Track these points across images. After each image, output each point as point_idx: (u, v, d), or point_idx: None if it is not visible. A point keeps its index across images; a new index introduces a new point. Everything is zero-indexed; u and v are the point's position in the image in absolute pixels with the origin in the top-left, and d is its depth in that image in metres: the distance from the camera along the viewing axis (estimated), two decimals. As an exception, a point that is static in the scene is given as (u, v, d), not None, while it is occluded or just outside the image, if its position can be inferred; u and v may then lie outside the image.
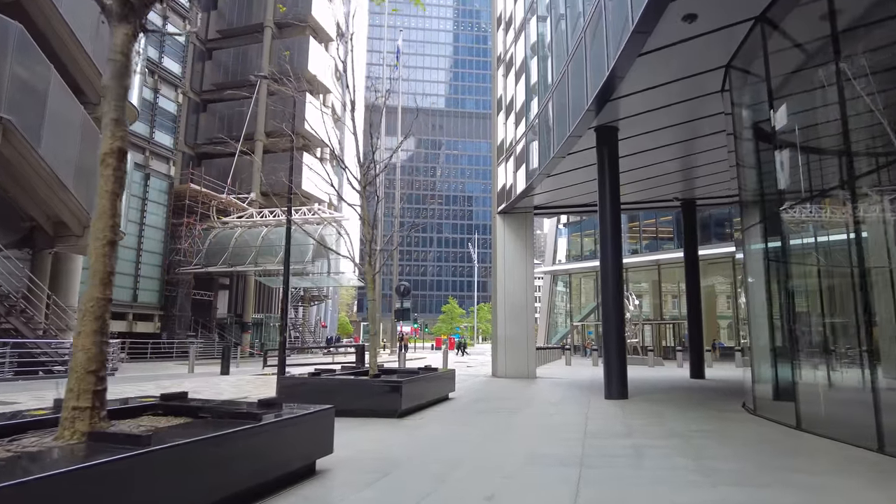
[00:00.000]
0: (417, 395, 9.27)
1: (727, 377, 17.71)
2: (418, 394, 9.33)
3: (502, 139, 20.04)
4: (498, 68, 21.17)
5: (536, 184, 15.50)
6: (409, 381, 8.83)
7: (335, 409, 9.00)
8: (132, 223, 26.98)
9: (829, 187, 7.81)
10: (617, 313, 11.44)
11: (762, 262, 8.73)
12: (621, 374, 11.10)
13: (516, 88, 18.65)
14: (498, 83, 21.01)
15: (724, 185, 16.41)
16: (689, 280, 18.25)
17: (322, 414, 5.05)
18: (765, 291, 8.51)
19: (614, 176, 12.11)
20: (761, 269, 8.77)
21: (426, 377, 9.89)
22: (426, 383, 9.86)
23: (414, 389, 9.06)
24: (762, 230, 8.60)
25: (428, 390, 9.88)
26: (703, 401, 11.01)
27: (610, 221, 11.92)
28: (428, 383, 9.93)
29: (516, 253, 18.61)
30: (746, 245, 9.49)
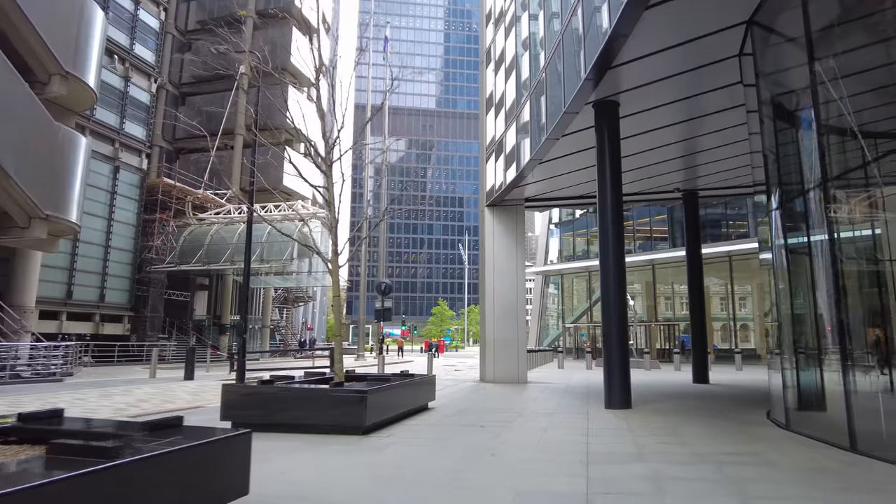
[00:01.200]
0: (387, 407, 7.88)
1: (732, 381, 16.45)
2: (388, 405, 7.94)
3: (492, 136, 18.70)
4: (487, 65, 19.72)
5: (528, 171, 14.16)
6: (375, 391, 7.43)
7: (288, 424, 7.62)
8: (98, 218, 25.40)
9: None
10: (619, 312, 10.09)
11: (802, 256, 7.43)
12: (624, 381, 9.76)
13: (506, 85, 17.27)
14: (487, 79, 19.60)
15: (730, 174, 15.16)
16: (692, 279, 16.97)
17: (230, 443, 3.66)
18: (806, 289, 7.20)
19: (615, 158, 10.77)
20: (801, 264, 7.46)
21: (399, 385, 8.50)
22: (399, 392, 8.47)
23: (382, 400, 7.67)
24: (801, 221, 7.31)
25: (401, 400, 8.49)
26: (718, 410, 9.69)
27: (611, 209, 10.59)
28: (401, 392, 8.54)
29: (506, 249, 17.27)
30: (776, 238, 8.17)
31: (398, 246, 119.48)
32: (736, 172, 14.83)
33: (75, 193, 16.79)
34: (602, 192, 10.70)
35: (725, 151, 13.27)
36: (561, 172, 14.82)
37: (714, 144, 12.93)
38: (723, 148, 13.06)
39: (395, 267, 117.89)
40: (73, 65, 16.01)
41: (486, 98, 19.49)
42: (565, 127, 11.44)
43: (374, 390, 7.41)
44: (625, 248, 11.01)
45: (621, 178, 10.92)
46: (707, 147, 13.17)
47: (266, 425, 7.37)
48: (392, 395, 8.10)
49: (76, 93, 16.71)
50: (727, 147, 12.93)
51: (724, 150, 13.15)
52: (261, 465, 5.09)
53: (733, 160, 13.83)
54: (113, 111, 26.26)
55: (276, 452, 5.95)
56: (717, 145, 12.92)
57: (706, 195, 17.50)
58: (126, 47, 27.06)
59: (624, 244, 10.97)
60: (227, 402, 7.62)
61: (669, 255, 33.84)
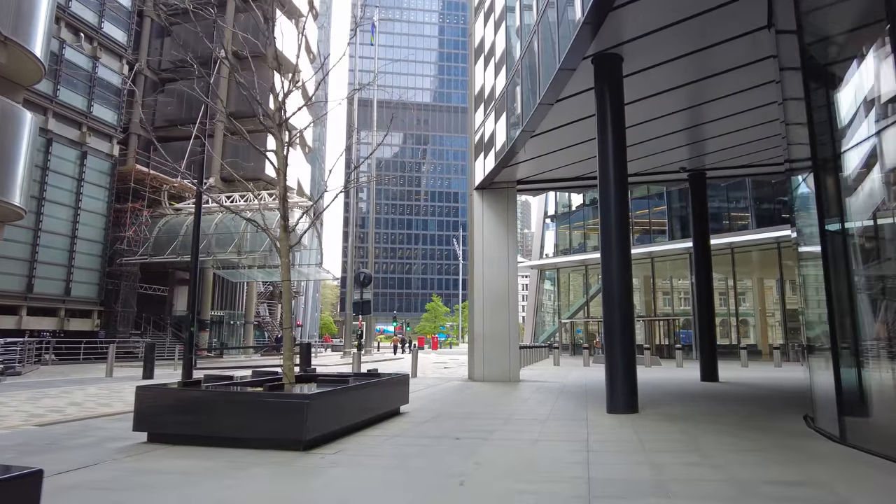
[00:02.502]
0: (341, 414, 6.40)
1: (742, 379, 15.05)
2: (342, 412, 6.46)
3: (480, 122, 17.19)
4: (477, 60, 18.08)
5: (519, 146, 12.65)
6: (321, 396, 5.95)
7: (216, 437, 6.11)
8: (63, 206, 23.78)
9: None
10: (623, 303, 8.60)
11: (853, 240, 5.97)
12: (629, 381, 8.28)
13: (496, 79, 15.73)
14: (476, 32, 18.02)
15: (743, 150, 13.69)
16: (699, 270, 15.51)
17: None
18: (863, 277, 5.75)
19: (618, 124, 9.26)
20: (854, 248, 6.00)
21: (357, 388, 7.00)
22: (358, 395, 6.98)
23: (333, 406, 6.19)
24: (848, 199, 5.87)
25: (361, 405, 7.00)
26: (742, 416, 8.23)
27: (614, 185, 9.07)
28: (360, 395, 7.05)
29: (497, 235, 15.79)
30: (828, 221, 6.70)
31: (392, 241, 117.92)
32: (751, 147, 13.36)
33: (18, 174, 15.21)
34: (603, 165, 9.19)
35: (741, 121, 11.79)
36: (556, 148, 13.34)
37: (728, 112, 11.44)
38: (738, 117, 11.57)
39: (389, 263, 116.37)
40: (14, 30, 14.43)
41: (472, 94, 17.96)
42: (560, 88, 9.94)
43: (321, 395, 5.92)
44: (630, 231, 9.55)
45: (625, 148, 9.42)
46: (719, 115, 11.67)
47: (190, 437, 5.91)
48: (347, 399, 6.61)
49: (19, 63, 15.11)
50: (743, 115, 11.45)
51: (740, 119, 11.67)
52: (139, 501, 3.62)
53: (749, 132, 12.35)
54: (79, 93, 24.60)
55: (176, 479, 4.48)
56: (732, 112, 11.43)
57: (715, 176, 16.04)
58: (94, 25, 25.39)
59: (629, 226, 9.48)
60: (141, 408, 6.13)
61: (668, 247, 32.48)
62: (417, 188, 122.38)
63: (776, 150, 13.46)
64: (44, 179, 22.65)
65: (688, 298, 33.65)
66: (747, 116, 11.49)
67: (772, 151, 13.57)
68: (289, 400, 5.74)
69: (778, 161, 14.34)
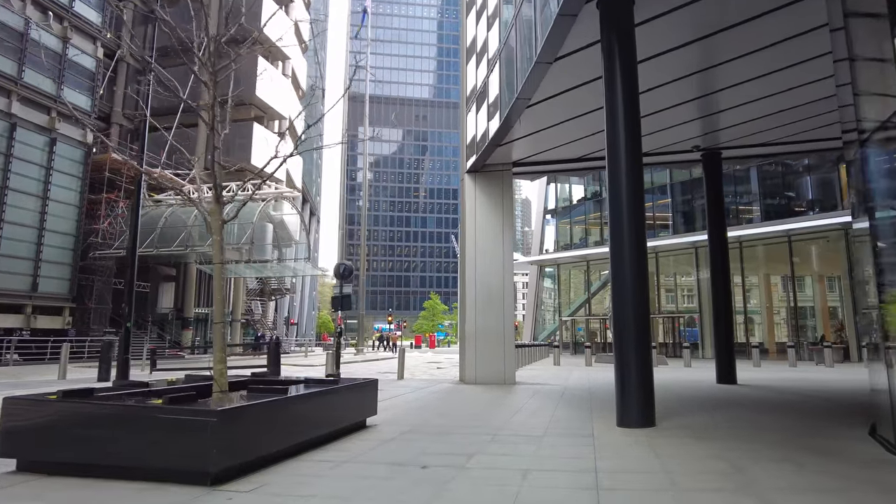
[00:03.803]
0: (273, 434, 4.90)
1: (762, 381, 13.59)
2: (276, 430, 4.96)
3: (473, 84, 15.68)
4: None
5: (514, 118, 11.13)
6: (237, 412, 4.45)
7: (104, 465, 4.48)
8: (29, 196, 22.26)
9: None
10: (637, 296, 7.04)
11: None
12: (644, 390, 6.77)
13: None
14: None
15: (767, 122, 12.15)
16: (715, 261, 13.99)
17: None
18: None
19: (630, 85, 7.66)
20: None
21: (298, 399, 5.49)
22: (301, 408, 5.48)
23: (258, 423, 4.69)
24: None
25: (305, 420, 5.50)
26: (785, 429, 6.73)
27: (626, 156, 7.48)
28: (304, 408, 5.55)
29: (491, 223, 14.29)
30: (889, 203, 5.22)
31: (391, 239, 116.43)
32: (776, 120, 11.84)
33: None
34: (613, 138, 7.59)
35: (768, 85, 10.27)
36: (556, 121, 11.83)
37: (753, 74, 9.92)
38: (765, 81, 10.06)
39: (387, 260, 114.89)
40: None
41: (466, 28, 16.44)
42: (560, 42, 8.43)
43: (235, 410, 4.42)
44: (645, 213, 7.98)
45: (639, 117, 7.87)
46: (742, 79, 10.14)
47: (72, 467, 4.43)
48: (283, 413, 5.11)
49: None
50: (773, 78, 9.94)
51: (767, 83, 10.16)
52: None
53: (777, 100, 10.82)
54: (48, 76, 23.08)
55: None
56: (757, 75, 9.91)
57: (731, 157, 14.53)
58: (64, 4, 23.84)
59: (644, 207, 7.91)
60: (9, 426, 4.64)
61: (672, 241, 31.00)
62: (416, 185, 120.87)
63: (804, 123, 11.98)
64: (7, 167, 21.15)
65: (692, 295, 32.28)
66: (778, 79, 9.98)
67: (799, 126, 12.08)
68: (189, 417, 4.23)
69: (809, 138, 12.87)
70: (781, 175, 28.46)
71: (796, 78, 9.96)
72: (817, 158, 26.63)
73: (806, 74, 9.82)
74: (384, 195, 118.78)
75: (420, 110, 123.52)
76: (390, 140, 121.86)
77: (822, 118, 11.41)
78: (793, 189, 28.26)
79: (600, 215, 36.47)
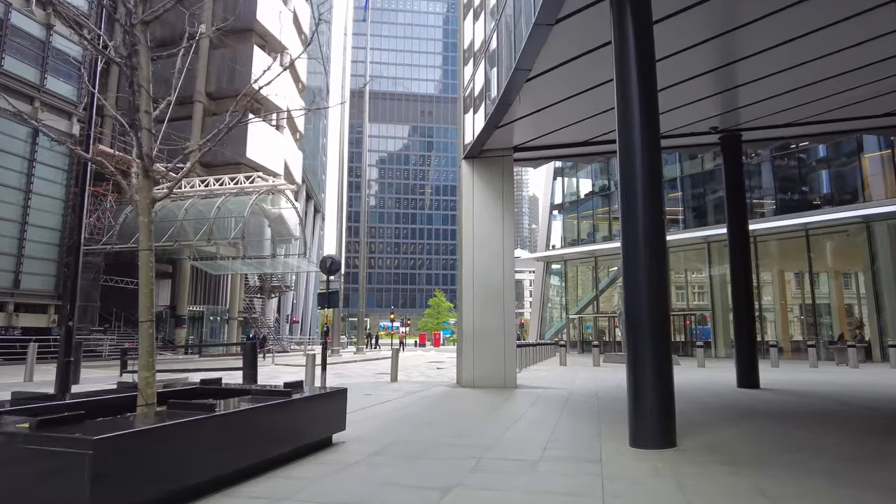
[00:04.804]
0: (182, 467, 3.81)
1: (783, 384, 12.47)
2: (195, 458, 3.87)
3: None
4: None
5: (513, 92, 9.96)
6: (130, 437, 3.35)
7: None
8: (10, 189, 21.32)
9: None
10: (655, 290, 5.89)
11: None
12: (663, 402, 5.61)
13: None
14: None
15: (792, 99, 10.94)
16: (736, 256, 12.79)
17: None
18: None
19: (645, 51, 6.48)
20: None
21: (225, 418, 4.35)
22: (231, 427, 4.37)
23: (160, 454, 3.60)
24: None
25: (240, 443, 4.39)
26: (832, 447, 5.58)
27: (641, 132, 6.35)
28: (237, 427, 4.44)
29: (491, 213, 13.18)
30: None
31: (396, 236, 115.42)
32: (805, 95, 10.61)
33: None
34: (625, 115, 6.44)
35: (799, 52, 9.07)
36: (559, 98, 10.67)
37: (781, 39, 8.72)
38: (796, 47, 8.86)
39: (393, 258, 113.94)
40: None
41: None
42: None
43: (120, 438, 3.32)
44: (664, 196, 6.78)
45: (656, 89, 6.69)
46: (769, 45, 8.94)
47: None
48: (198, 437, 4.00)
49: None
50: (805, 43, 8.73)
51: (798, 49, 8.96)
52: None
53: (808, 71, 9.61)
54: (31, 64, 22.14)
55: None
56: (785, 40, 8.71)
57: (752, 139, 13.31)
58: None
59: (662, 191, 6.71)
60: None
61: (683, 236, 29.76)
62: (422, 182, 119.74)
63: (838, 98, 10.76)
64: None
65: (703, 293, 31.09)
66: (810, 44, 8.77)
67: (833, 101, 10.86)
68: (58, 448, 3.15)
69: (843, 116, 11.65)
70: (797, 166, 27.17)
71: (832, 42, 8.78)
72: (833, 150, 25.38)
73: (843, 38, 8.64)
74: (389, 192, 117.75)
75: (425, 106, 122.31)
76: (395, 136, 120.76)
77: (861, 91, 10.21)
78: (809, 180, 26.95)
79: (608, 209, 35.31)
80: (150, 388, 4.95)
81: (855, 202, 24.05)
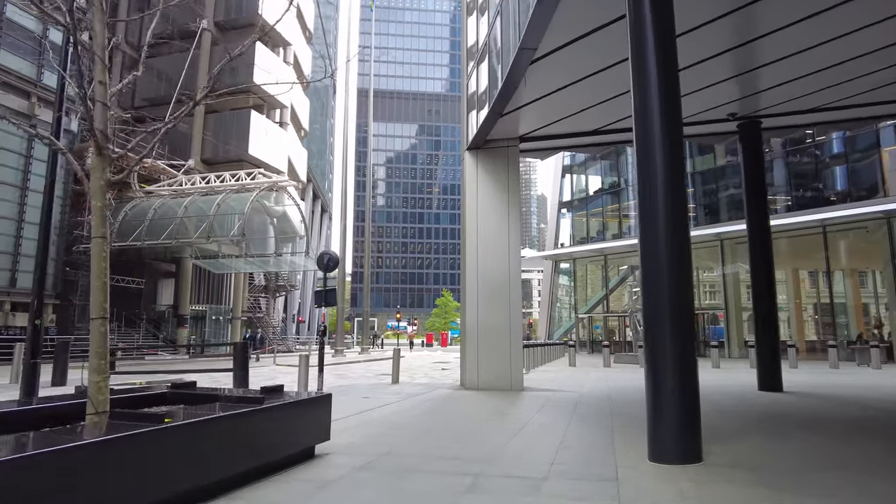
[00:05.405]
0: (129, 486, 3.19)
1: (807, 386, 11.73)
2: (131, 481, 3.25)
3: (473, 41, 13.89)
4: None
5: (518, 75, 9.27)
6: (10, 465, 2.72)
7: None
8: (6, 186, 20.96)
9: None
10: (677, 280, 5.19)
11: None
12: (687, 411, 4.90)
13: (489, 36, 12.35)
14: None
15: (819, 81, 10.19)
16: (756, 252, 12.01)
17: None
18: None
19: (664, 23, 5.82)
20: None
21: (180, 428, 3.73)
22: (185, 441, 3.74)
23: (74, 476, 2.97)
24: None
25: (192, 461, 3.77)
26: (881, 462, 4.88)
27: (661, 115, 5.64)
28: (193, 440, 3.81)
29: (496, 206, 12.52)
30: None
31: (404, 236, 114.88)
32: (833, 76, 9.87)
33: None
34: (642, 96, 5.71)
35: (827, 26, 8.34)
36: (567, 82, 9.99)
37: (808, 12, 8.00)
38: (821, 20, 8.13)
39: (400, 257, 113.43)
40: None
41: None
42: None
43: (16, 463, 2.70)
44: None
45: (677, 67, 5.96)
46: (793, 19, 8.21)
47: None
48: (131, 457, 3.37)
49: None
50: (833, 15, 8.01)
51: (824, 22, 8.23)
52: None
53: (838, 47, 8.88)
54: (27, 58, 21.74)
55: None
56: (812, 12, 7.99)
57: (772, 126, 12.56)
58: (45, -18, 22.48)
59: (685, 175, 6.01)
60: None
61: (695, 233, 28.84)
62: (429, 181, 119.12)
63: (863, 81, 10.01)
64: (-20, 156, 19.91)
65: (716, 291, 30.26)
66: (841, 16, 8.04)
67: (865, 82, 10.10)
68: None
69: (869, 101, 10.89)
70: (812, 161, 26.31)
71: (859, 18, 8.05)
72: (849, 145, 24.52)
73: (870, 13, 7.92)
74: (397, 191, 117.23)
75: (433, 105, 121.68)
76: (403, 136, 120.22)
77: (886, 73, 9.47)
78: (824, 176, 26.05)
79: (618, 206, 34.54)
80: (102, 395, 4.34)
81: (873, 197, 23.19)
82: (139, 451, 3.30)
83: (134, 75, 5.68)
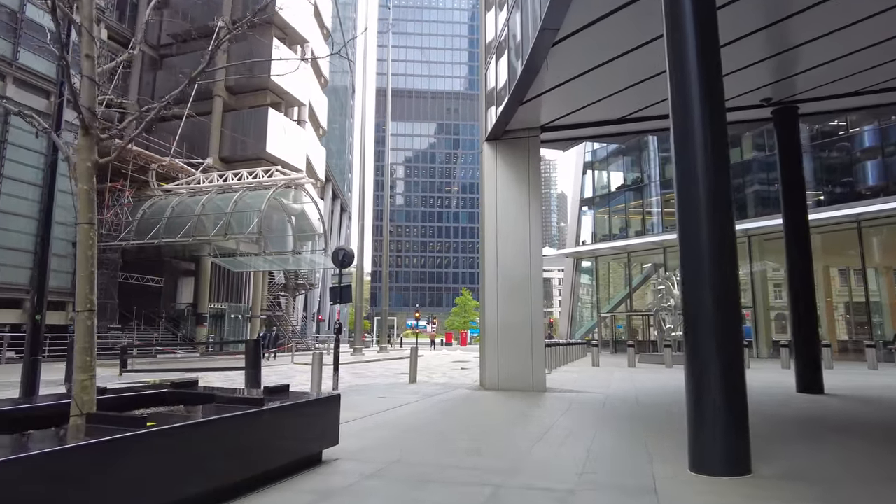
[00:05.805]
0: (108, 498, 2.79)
1: (848, 388, 11.03)
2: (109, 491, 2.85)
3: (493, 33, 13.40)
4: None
5: (540, 59, 8.76)
6: None
7: None
8: (26, 184, 21.03)
9: None
10: (722, 270, 4.67)
11: None
12: (734, 417, 4.36)
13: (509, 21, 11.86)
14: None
15: (864, 60, 9.50)
16: (793, 247, 11.31)
17: None
18: None
19: None
20: None
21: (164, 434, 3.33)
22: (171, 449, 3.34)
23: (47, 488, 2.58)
24: None
25: (168, 468, 3.37)
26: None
27: (702, 99, 5.12)
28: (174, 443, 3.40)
29: (516, 199, 12.01)
30: None
31: (423, 235, 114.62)
32: (878, 55, 9.18)
33: None
34: (681, 76, 5.20)
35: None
36: (593, 65, 9.45)
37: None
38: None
39: (419, 257, 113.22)
40: None
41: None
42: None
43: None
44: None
45: (718, 46, 5.40)
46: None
47: None
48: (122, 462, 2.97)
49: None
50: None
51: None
52: None
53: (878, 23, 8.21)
54: (46, 57, 21.76)
55: None
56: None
57: (810, 112, 11.85)
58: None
59: (728, 162, 5.39)
60: None
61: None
62: (449, 180, 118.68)
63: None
64: (1, 153, 19.93)
65: (742, 290, 29.29)
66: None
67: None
68: None
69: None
70: (843, 155, 25.30)
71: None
72: (884, 137, 23.50)
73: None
74: (416, 190, 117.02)
75: (451, 103, 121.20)
76: (422, 134, 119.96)
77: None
78: (856, 170, 25.01)
79: (641, 203, 33.74)
80: (88, 395, 3.99)
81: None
82: (103, 462, 2.90)
83: (129, 53, 5.31)
